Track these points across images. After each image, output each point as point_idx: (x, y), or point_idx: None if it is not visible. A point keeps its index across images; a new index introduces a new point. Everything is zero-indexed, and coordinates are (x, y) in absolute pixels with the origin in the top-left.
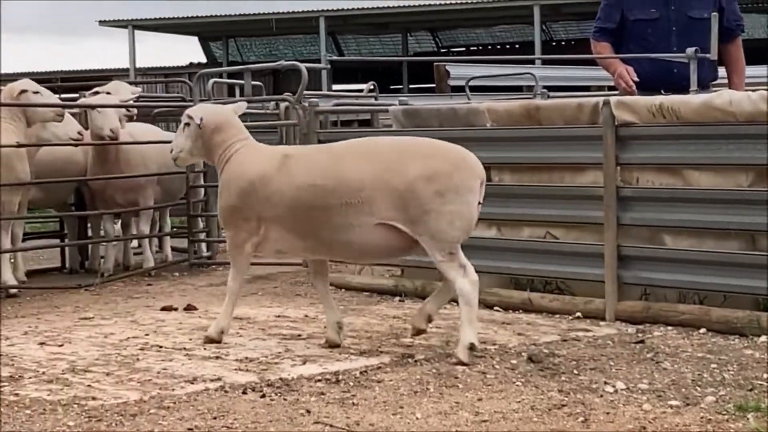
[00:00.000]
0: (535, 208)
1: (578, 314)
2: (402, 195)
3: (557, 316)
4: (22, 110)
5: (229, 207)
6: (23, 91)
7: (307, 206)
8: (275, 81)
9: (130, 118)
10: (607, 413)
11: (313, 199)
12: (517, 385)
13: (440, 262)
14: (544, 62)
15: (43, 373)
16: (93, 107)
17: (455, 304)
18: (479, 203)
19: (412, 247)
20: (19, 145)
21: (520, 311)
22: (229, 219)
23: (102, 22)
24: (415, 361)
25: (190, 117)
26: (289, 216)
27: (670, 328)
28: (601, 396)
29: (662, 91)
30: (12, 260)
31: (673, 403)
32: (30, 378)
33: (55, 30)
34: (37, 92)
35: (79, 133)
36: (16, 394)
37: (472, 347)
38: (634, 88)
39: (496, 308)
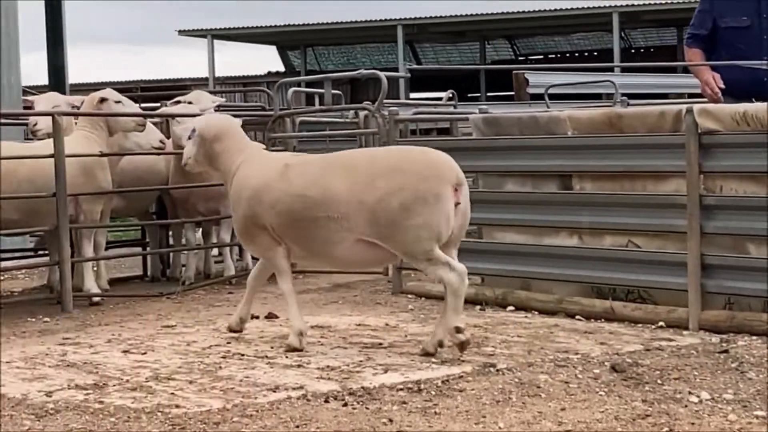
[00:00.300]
0: (616, 217)
1: (661, 323)
2: (373, 210)
3: (640, 325)
4: (103, 119)
5: (244, 218)
6: (103, 100)
7: (299, 216)
8: (353, 90)
9: None
10: (692, 423)
11: (303, 210)
12: (601, 395)
13: (424, 269)
14: (623, 70)
15: (127, 380)
16: (173, 116)
17: (536, 312)
18: (457, 204)
19: (395, 255)
20: (102, 154)
21: (602, 320)
22: (244, 231)
23: (181, 32)
24: (497, 370)
25: (194, 128)
26: (288, 225)
27: (754, 337)
28: (686, 406)
29: (753, 99)
30: (95, 268)
31: (759, 413)
32: (114, 386)
33: (136, 40)
34: (118, 102)
35: (161, 141)
36: (101, 402)
37: (458, 330)
38: (720, 95)
39: (577, 317)
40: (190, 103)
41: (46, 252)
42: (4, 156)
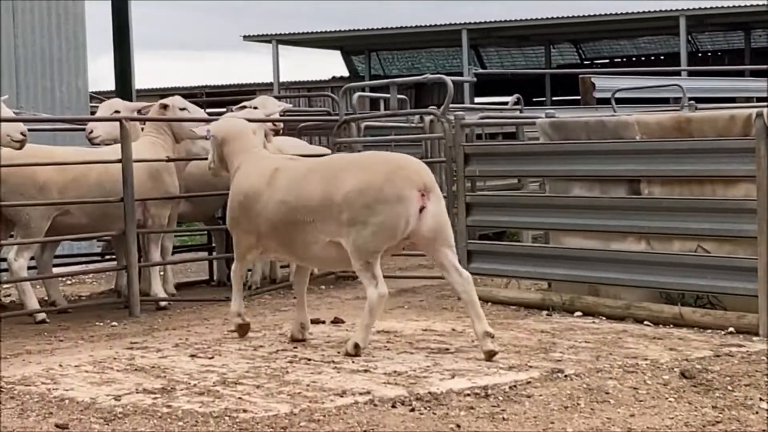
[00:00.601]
0: (685, 222)
1: (731, 329)
2: (339, 208)
3: (709, 331)
4: (169, 125)
5: (231, 219)
6: (165, 107)
7: (282, 221)
8: (417, 94)
9: (277, 132)
10: (763, 430)
11: (284, 215)
12: (670, 401)
13: (357, 270)
14: (690, 74)
15: (195, 385)
16: None
17: (603, 318)
18: (422, 208)
19: None
20: (168, 160)
21: (671, 326)
22: (233, 229)
23: (246, 37)
24: (565, 375)
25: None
26: (273, 228)
27: None
28: (757, 413)
29: None
30: (162, 273)
31: None
32: (182, 390)
33: (201, 45)
34: (183, 108)
35: None
36: (169, 406)
37: (356, 346)
38: None
39: (646, 322)
40: (255, 108)
41: (114, 256)
42: (75, 161)
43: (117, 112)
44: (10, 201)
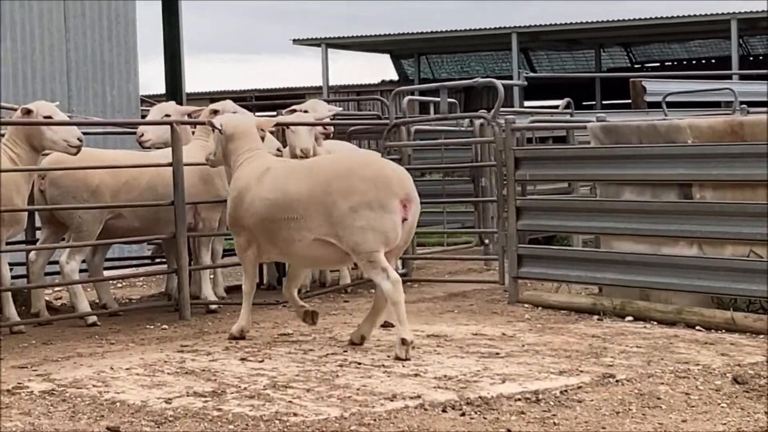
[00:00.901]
0: (738, 226)
1: None
2: (328, 211)
3: (761, 336)
4: None
5: (228, 216)
6: (215, 111)
7: (266, 218)
8: (467, 98)
9: (327, 136)
10: None
11: (268, 212)
12: (722, 407)
13: (363, 269)
14: (742, 77)
15: (245, 388)
16: (288, 125)
17: (654, 322)
18: (404, 220)
19: (349, 254)
20: None
21: (723, 331)
22: (230, 227)
23: (296, 41)
24: (617, 380)
25: (212, 122)
26: (259, 225)
27: None
28: None
29: None
30: (212, 276)
31: None
32: (232, 393)
33: (250, 49)
34: (235, 112)
35: (278, 150)
36: (219, 409)
37: (404, 342)
38: None
39: (697, 327)
40: (306, 111)
41: (164, 260)
42: (127, 165)
43: (167, 115)
44: (63, 204)
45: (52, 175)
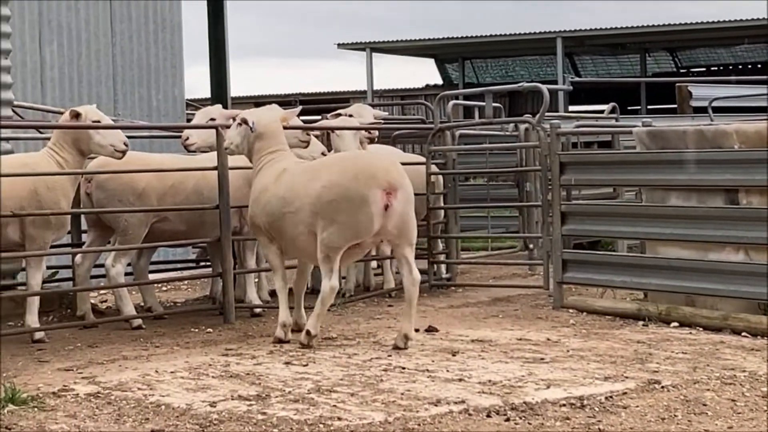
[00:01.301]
0: None
1: None
2: (312, 202)
3: None
4: None
5: (249, 217)
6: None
7: (276, 215)
8: (511, 103)
9: (372, 140)
10: None
11: (277, 209)
12: None
13: (319, 260)
14: None
15: (289, 392)
16: (334, 129)
17: (700, 328)
18: (386, 206)
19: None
20: None
21: None
22: (250, 227)
23: (340, 45)
24: (662, 386)
25: (245, 119)
26: (272, 223)
27: None
28: None
29: None
30: (256, 280)
31: None
32: (276, 397)
33: (295, 53)
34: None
35: (322, 154)
36: (264, 413)
37: (308, 333)
38: None
39: (744, 334)
40: (351, 115)
41: (208, 263)
42: (174, 168)
43: (213, 119)
44: (110, 207)
45: (98, 179)
